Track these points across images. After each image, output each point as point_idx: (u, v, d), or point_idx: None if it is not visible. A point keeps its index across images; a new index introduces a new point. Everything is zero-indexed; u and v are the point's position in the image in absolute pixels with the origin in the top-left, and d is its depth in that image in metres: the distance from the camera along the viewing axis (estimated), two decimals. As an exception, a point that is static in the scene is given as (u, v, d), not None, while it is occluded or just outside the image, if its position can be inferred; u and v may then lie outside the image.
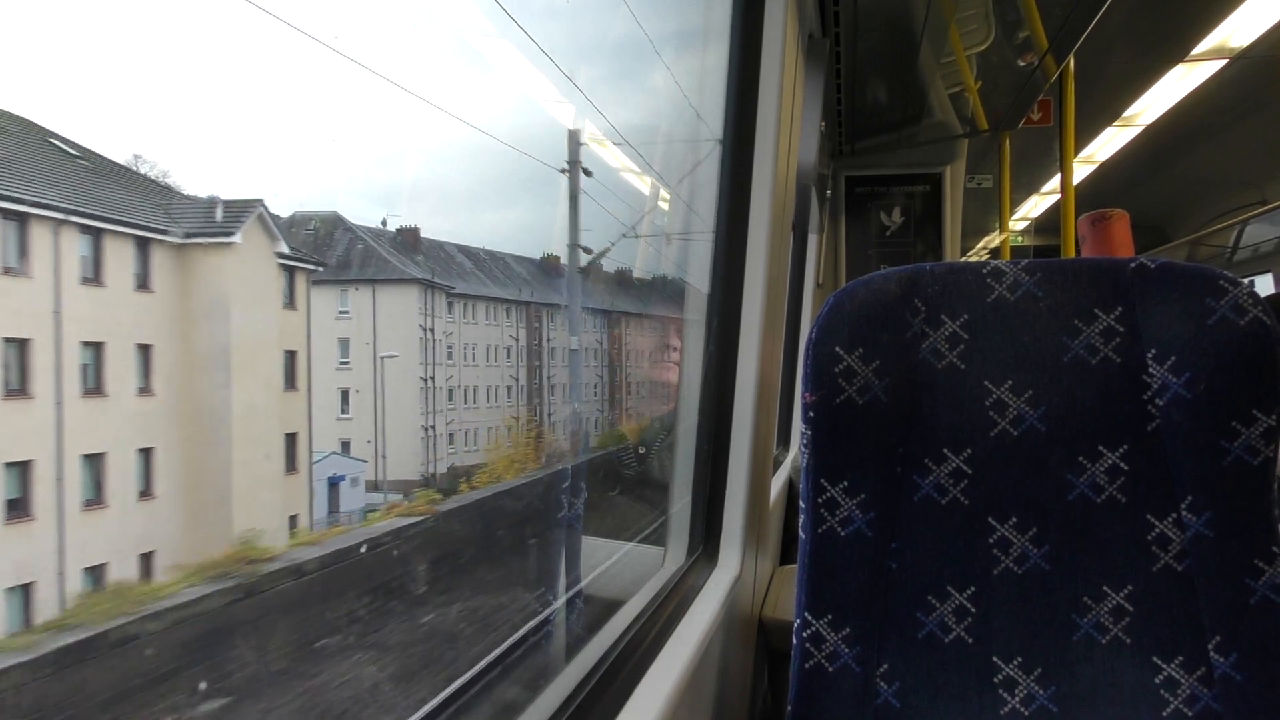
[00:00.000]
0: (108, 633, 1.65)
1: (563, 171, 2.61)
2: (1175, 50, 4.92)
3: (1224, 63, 5.02)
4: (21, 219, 1.73)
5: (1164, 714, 1.12)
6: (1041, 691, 1.16)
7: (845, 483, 1.22)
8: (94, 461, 1.92)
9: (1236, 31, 4.59)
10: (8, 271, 1.70)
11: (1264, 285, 8.10)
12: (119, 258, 2.00)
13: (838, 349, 1.21)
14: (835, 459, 1.22)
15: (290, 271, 2.56)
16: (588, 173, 2.66)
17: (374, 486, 3.36)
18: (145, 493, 2.04)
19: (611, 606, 1.51)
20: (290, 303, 2.56)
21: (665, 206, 2.78)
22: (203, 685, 1.77)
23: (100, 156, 2.04)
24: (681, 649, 1.32)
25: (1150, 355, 1.17)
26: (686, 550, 1.85)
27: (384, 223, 3.81)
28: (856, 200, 5.19)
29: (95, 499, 1.91)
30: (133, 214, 2.02)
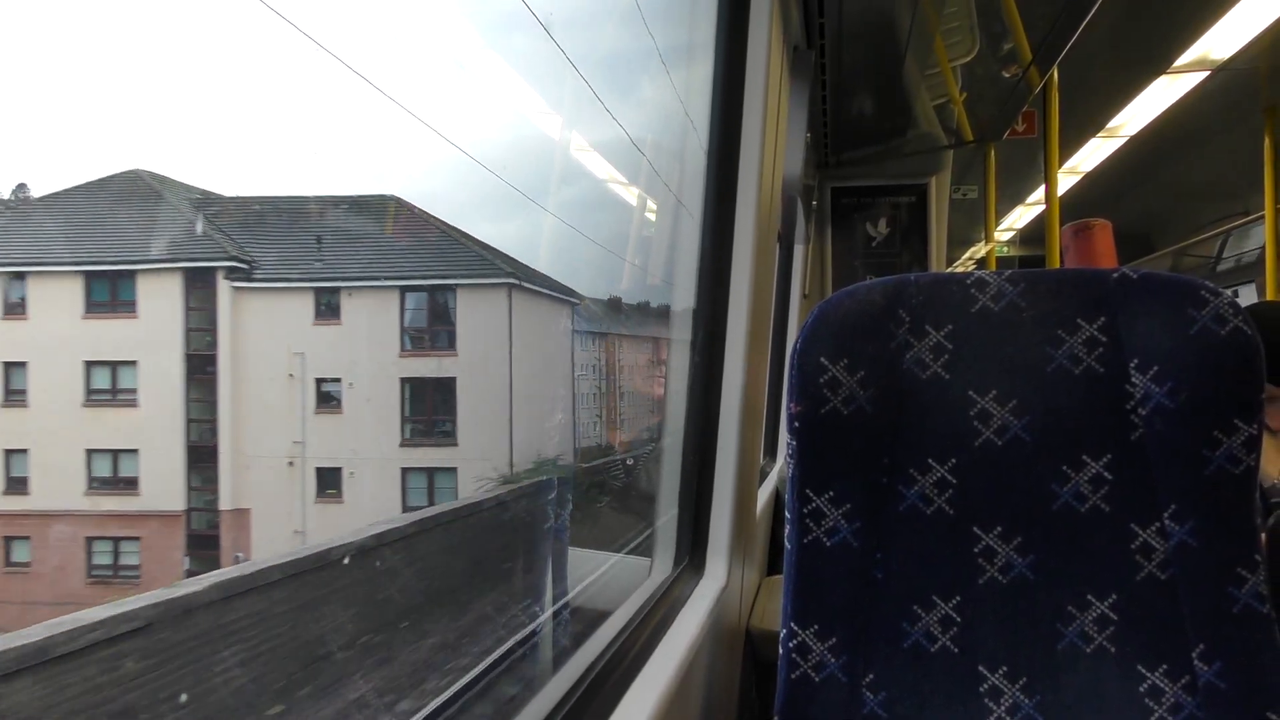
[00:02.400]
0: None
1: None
2: (1157, 62, 4.97)
3: (1205, 74, 5.06)
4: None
5: None
6: (1027, 700, 1.16)
7: (831, 493, 1.22)
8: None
9: (1217, 44, 4.64)
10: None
11: (1248, 295, 8.15)
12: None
13: (823, 359, 1.21)
14: (821, 469, 1.22)
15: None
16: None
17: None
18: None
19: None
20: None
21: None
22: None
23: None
24: (667, 660, 1.32)
25: (1133, 365, 1.17)
26: (673, 560, 1.84)
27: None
28: (842, 211, 5.20)
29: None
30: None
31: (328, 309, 3.69)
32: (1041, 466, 1.19)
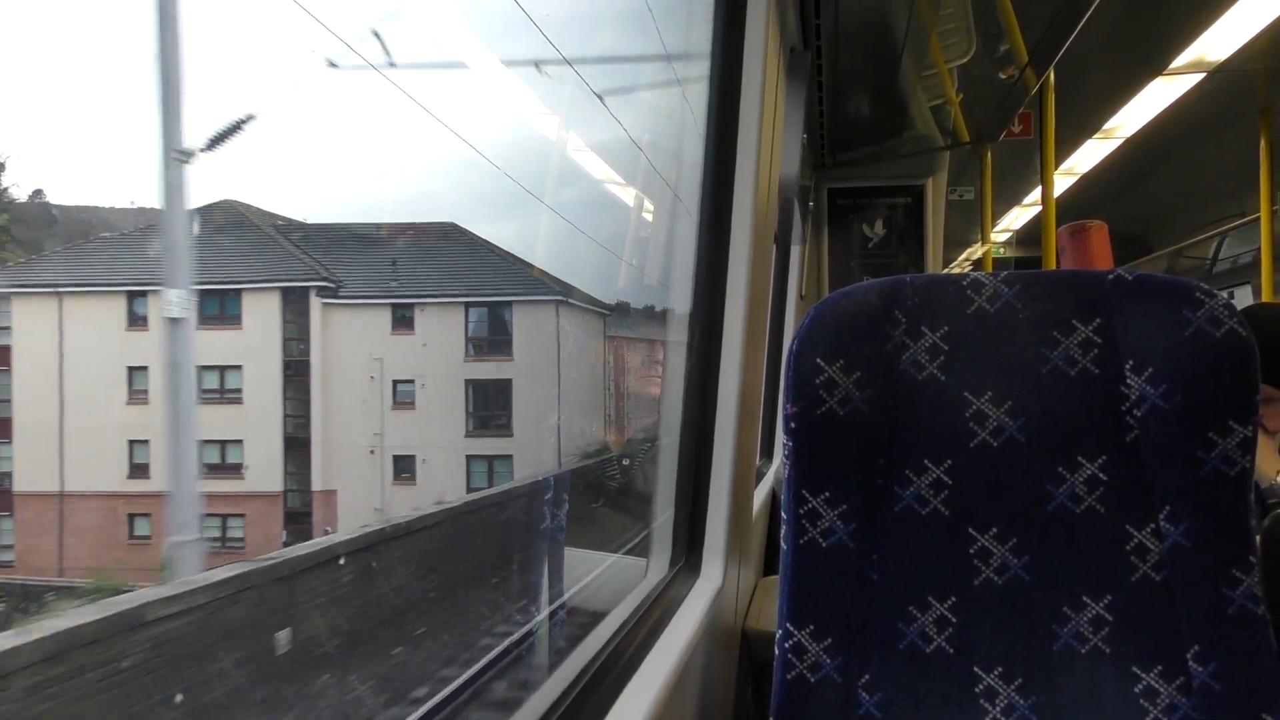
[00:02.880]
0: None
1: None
2: (1153, 64, 4.98)
3: (1202, 76, 5.07)
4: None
5: None
6: (1022, 701, 1.16)
7: (827, 494, 1.22)
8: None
9: (1214, 46, 4.64)
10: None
11: (1244, 297, 8.17)
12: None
13: (819, 360, 1.21)
14: (817, 470, 1.22)
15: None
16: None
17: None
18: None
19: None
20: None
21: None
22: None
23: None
24: (663, 661, 1.32)
25: (1128, 366, 1.17)
26: (669, 561, 1.84)
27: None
28: (839, 212, 5.21)
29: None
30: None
31: (403, 321, 4.51)
32: (1037, 468, 1.20)
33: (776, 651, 1.22)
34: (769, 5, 1.87)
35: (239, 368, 4.07)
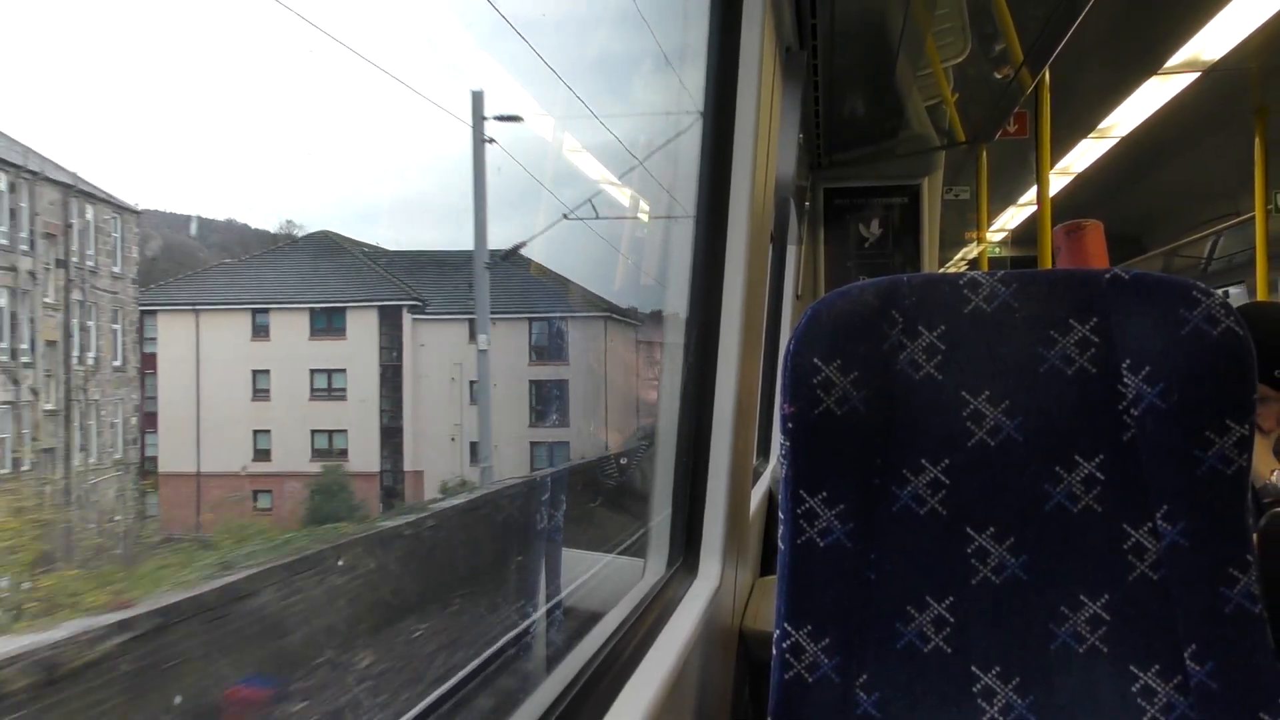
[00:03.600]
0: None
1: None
2: (1148, 64, 4.99)
3: (1196, 75, 5.08)
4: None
5: None
6: (1020, 700, 1.16)
7: (824, 493, 1.22)
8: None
9: (1208, 46, 4.65)
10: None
11: (1238, 298, 8.19)
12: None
13: (816, 360, 1.21)
14: (814, 470, 1.22)
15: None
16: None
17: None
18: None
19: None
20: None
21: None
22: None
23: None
24: (661, 661, 1.32)
25: (1125, 365, 1.17)
26: (666, 561, 1.84)
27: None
28: (835, 212, 5.21)
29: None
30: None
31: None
32: (1034, 467, 1.19)
33: (774, 651, 1.22)
34: (764, 5, 1.87)
35: (343, 371, 5.11)
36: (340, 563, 2.63)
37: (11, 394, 2.15)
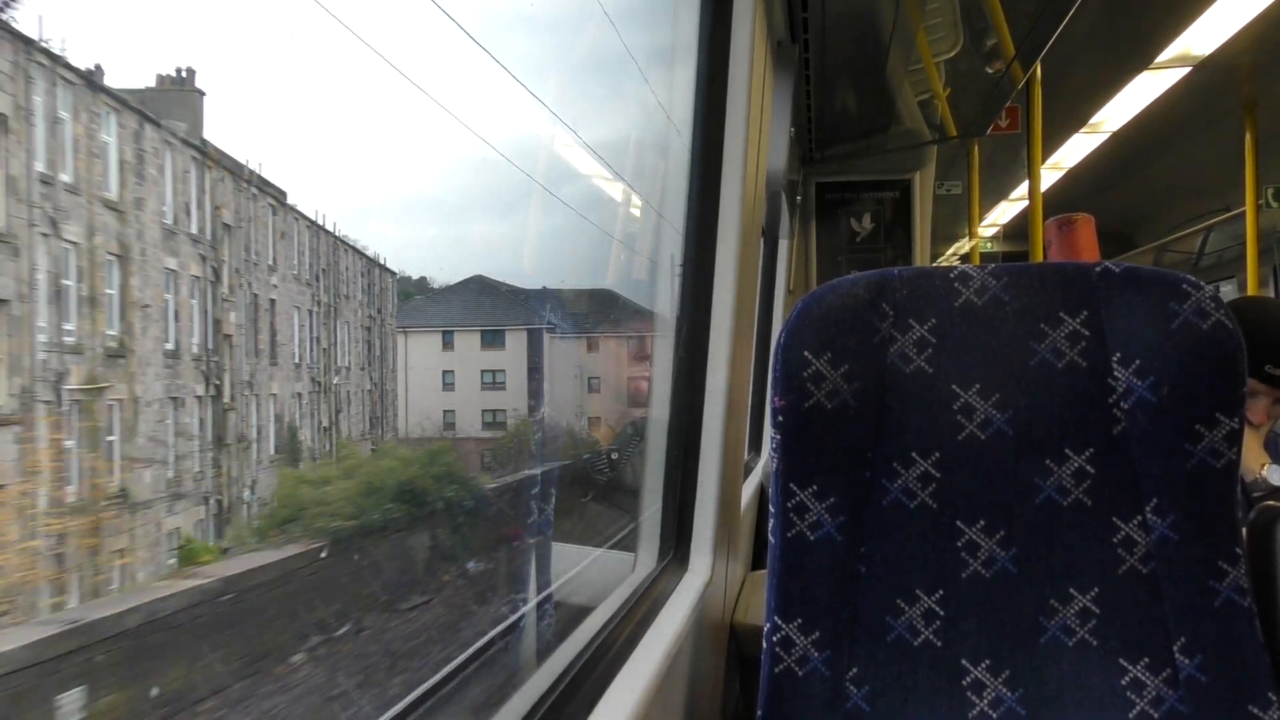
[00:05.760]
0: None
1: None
2: (1139, 58, 4.99)
3: (1186, 70, 5.09)
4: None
5: (1130, 715, 1.13)
6: (1009, 694, 1.16)
7: (814, 487, 1.22)
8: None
9: (1198, 40, 4.66)
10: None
11: (1229, 294, 8.21)
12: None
13: (806, 354, 1.21)
14: (805, 463, 1.22)
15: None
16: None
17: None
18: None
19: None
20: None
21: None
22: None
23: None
24: (650, 656, 1.31)
25: (1115, 359, 1.17)
26: (657, 555, 1.84)
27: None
28: (827, 206, 5.21)
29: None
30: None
31: (593, 346, 8.51)
32: (1024, 460, 1.19)
33: (764, 645, 1.22)
34: None
35: (503, 371, 8.28)
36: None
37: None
